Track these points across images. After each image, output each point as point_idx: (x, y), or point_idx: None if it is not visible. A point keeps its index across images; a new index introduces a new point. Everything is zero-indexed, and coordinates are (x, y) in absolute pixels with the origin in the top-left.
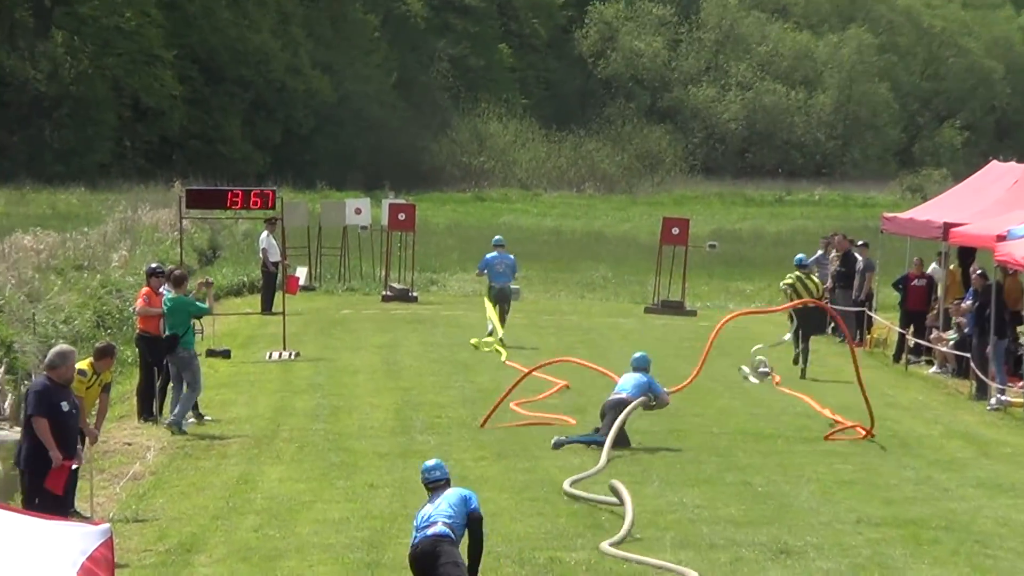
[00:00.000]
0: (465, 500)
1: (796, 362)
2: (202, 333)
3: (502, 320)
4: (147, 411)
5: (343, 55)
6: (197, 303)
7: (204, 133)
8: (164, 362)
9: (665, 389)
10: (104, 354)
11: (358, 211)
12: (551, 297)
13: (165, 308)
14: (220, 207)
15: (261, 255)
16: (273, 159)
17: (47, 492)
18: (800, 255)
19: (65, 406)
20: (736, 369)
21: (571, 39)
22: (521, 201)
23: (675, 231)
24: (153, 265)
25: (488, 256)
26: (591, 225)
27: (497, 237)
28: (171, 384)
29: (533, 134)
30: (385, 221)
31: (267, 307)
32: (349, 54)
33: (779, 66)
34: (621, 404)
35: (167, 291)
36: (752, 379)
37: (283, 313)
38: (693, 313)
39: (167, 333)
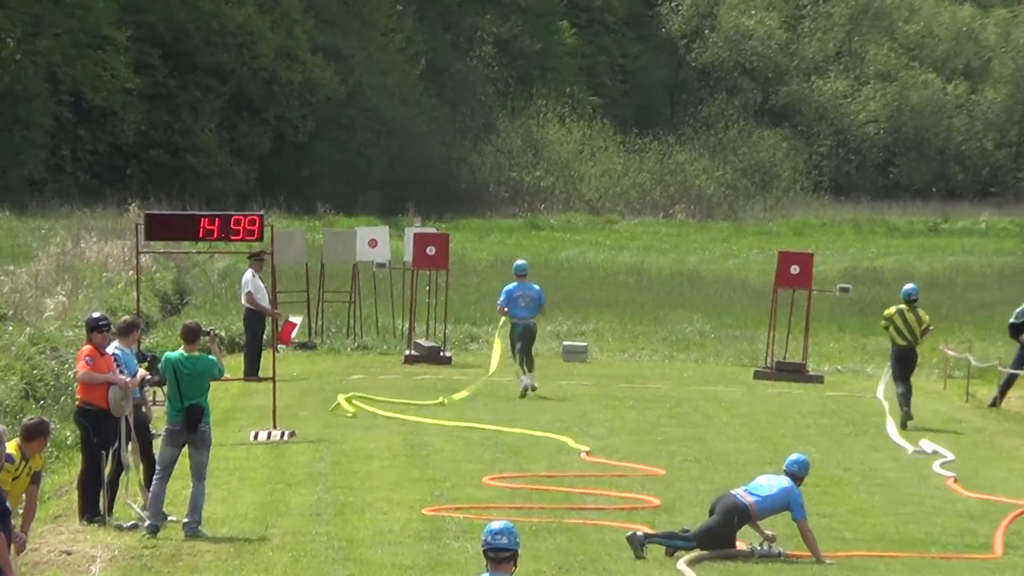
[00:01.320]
0: None
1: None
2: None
3: (529, 366)
4: (92, 509)
5: (353, 37)
6: (218, 363)
7: (169, 140)
8: (115, 446)
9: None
10: (35, 434)
11: (373, 243)
12: (629, 358)
13: (182, 371)
14: (190, 238)
15: (244, 301)
16: (260, 174)
17: None
18: (910, 285)
19: (9, 506)
20: (872, 451)
21: (656, 15)
22: (589, 230)
23: (795, 270)
24: (96, 315)
25: (508, 287)
26: (683, 262)
27: (519, 263)
28: (128, 472)
29: (605, 141)
30: (409, 257)
31: (252, 370)
32: (361, 35)
33: (932, 51)
34: (738, 512)
35: (121, 350)
36: (925, 447)
37: (273, 379)
38: (819, 379)
39: (188, 403)
